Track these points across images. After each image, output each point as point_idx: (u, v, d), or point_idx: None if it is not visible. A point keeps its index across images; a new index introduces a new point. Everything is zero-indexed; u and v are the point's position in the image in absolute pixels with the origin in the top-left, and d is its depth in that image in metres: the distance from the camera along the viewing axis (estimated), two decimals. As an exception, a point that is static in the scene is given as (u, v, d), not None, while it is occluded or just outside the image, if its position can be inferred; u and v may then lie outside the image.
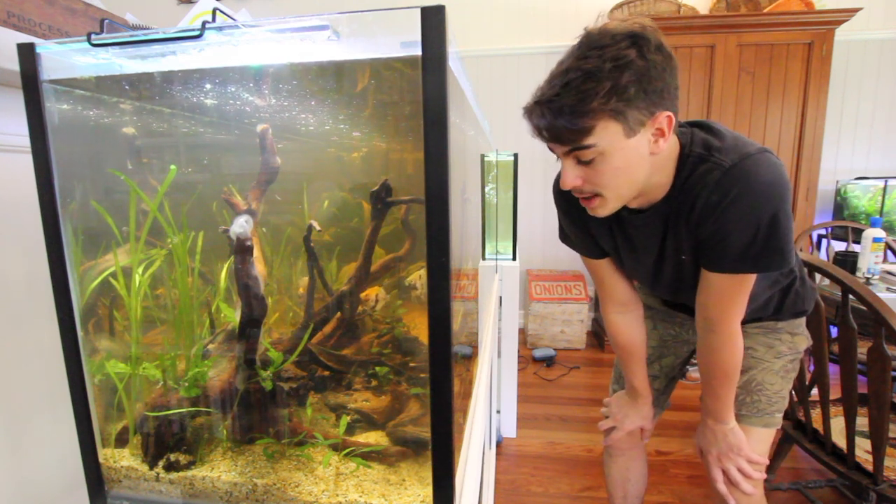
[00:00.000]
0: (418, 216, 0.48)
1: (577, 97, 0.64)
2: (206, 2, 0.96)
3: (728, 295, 0.81)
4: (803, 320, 0.98)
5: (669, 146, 0.74)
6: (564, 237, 1.01)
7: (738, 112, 2.59)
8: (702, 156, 0.75)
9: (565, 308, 2.86)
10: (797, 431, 1.29)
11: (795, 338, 0.96)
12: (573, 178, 0.73)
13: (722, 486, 0.92)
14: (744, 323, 0.87)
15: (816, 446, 1.23)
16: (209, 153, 0.69)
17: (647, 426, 1.09)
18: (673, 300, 1.01)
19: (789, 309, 0.94)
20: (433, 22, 0.42)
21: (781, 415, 0.95)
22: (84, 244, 0.61)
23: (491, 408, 1.56)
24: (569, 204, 0.91)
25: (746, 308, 0.84)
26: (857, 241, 2.11)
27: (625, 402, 1.09)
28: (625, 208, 0.82)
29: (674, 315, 1.09)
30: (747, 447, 0.91)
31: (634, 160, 0.70)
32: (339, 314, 0.75)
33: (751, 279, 0.79)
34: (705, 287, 0.83)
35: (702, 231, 0.77)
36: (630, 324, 1.02)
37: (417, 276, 0.77)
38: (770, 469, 1.43)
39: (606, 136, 0.67)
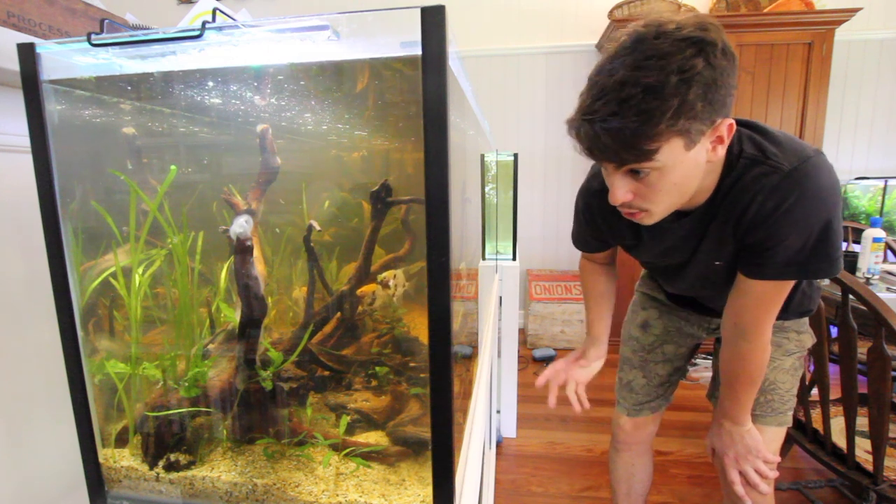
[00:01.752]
0: (418, 216, 0.48)
1: (641, 118, 0.57)
2: (206, 2, 0.96)
3: (766, 302, 0.78)
4: (807, 319, 0.98)
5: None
6: (581, 243, 1.00)
7: (739, 112, 2.59)
8: (755, 158, 0.70)
9: (565, 308, 2.85)
10: (797, 431, 1.29)
11: (801, 336, 0.96)
12: (624, 194, 0.67)
13: (740, 489, 0.91)
14: None
15: (816, 446, 1.23)
16: (209, 153, 0.69)
17: (596, 368, 1.10)
18: (683, 294, 1.00)
19: (795, 309, 0.93)
20: (433, 22, 0.42)
21: (792, 413, 0.95)
22: (84, 244, 0.61)
23: (491, 408, 1.56)
24: (596, 214, 0.89)
25: None
26: (857, 241, 2.11)
27: (570, 361, 1.11)
28: None
29: (678, 310, 1.09)
30: (764, 448, 0.90)
31: (692, 171, 0.66)
32: (339, 314, 0.75)
33: (789, 285, 0.76)
34: (741, 293, 0.80)
35: (750, 237, 0.72)
36: (603, 272, 1.05)
37: (392, 275, 0.76)
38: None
39: (668, 152, 0.61)
